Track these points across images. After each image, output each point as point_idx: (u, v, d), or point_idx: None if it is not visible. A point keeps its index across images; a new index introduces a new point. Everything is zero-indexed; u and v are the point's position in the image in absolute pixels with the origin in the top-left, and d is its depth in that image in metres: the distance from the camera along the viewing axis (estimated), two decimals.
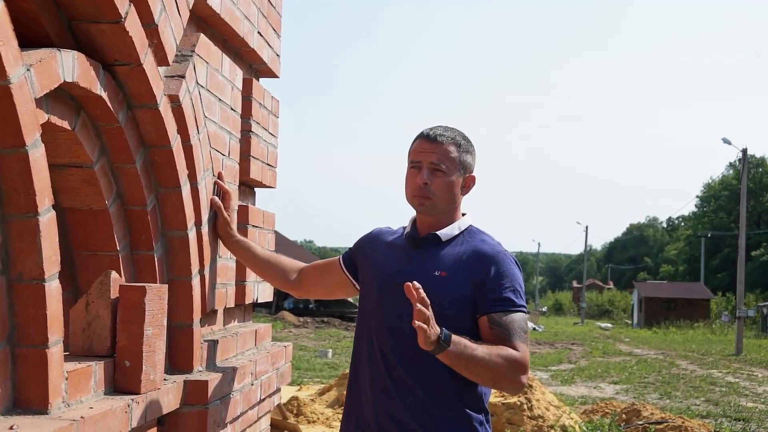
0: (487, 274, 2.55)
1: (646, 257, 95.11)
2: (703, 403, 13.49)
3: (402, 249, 2.70)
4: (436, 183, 2.60)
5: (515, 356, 2.45)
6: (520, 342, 2.49)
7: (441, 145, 2.61)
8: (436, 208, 2.63)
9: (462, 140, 2.66)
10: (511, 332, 2.49)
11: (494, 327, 2.49)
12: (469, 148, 2.67)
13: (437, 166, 2.59)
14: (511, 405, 9.13)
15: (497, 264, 2.57)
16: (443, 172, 2.60)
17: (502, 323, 2.50)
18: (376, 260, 2.73)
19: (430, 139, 2.63)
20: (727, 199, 67.49)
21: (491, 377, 2.47)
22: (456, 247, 2.63)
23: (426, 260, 2.61)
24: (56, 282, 2.02)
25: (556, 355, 22.53)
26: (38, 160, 1.93)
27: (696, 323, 44.18)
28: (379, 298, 2.64)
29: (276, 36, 4.07)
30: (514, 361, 2.45)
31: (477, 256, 2.59)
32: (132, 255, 2.66)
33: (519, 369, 2.46)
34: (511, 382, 2.48)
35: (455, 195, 2.65)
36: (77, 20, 2.24)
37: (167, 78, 2.69)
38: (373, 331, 2.65)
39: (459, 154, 2.63)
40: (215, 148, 3.12)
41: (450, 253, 2.61)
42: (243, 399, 3.18)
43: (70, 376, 2.11)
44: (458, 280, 2.55)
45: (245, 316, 3.89)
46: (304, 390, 12.41)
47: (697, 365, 20.92)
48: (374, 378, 2.61)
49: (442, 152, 2.60)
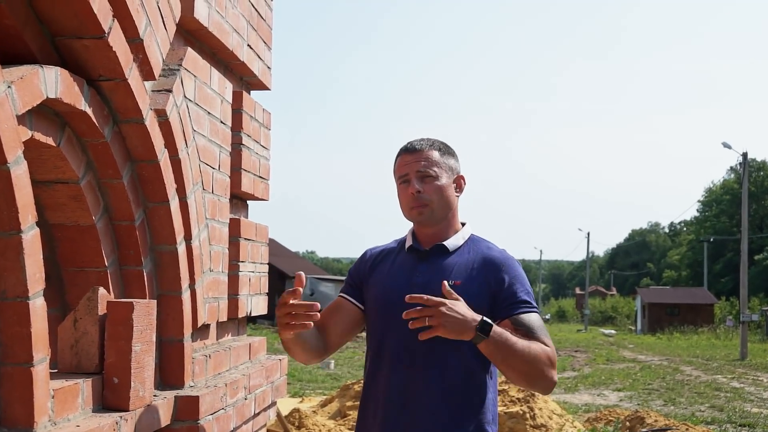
0: (501, 280, 2.57)
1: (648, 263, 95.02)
2: (708, 409, 13.42)
3: (407, 263, 2.68)
4: (429, 188, 2.60)
5: (548, 351, 2.48)
6: (547, 338, 2.52)
7: (423, 152, 2.63)
8: (435, 213, 2.62)
9: (441, 145, 2.69)
10: (537, 329, 2.52)
11: (520, 327, 2.51)
12: (450, 150, 2.70)
13: (425, 172, 2.60)
14: (514, 414, 9.10)
15: (509, 270, 2.60)
16: (433, 177, 2.60)
17: (527, 323, 2.52)
18: (382, 279, 2.69)
19: (410, 151, 2.64)
20: (728, 204, 67.46)
21: (526, 370, 2.45)
22: (464, 256, 2.63)
23: (436, 271, 2.60)
24: (41, 299, 2.00)
25: (559, 362, 22.38)
26: (20, 177, 1.92)
27: (700, 328, 44.06)
28: (391, 316, 2.61)
29: (267, 48, 4.07)
30: (548, 356, 2.47)
31: (488, 264, 2.60)
32: (121, 270, 2.65)
33: (551, 364, 2.48)
34: (544, 377, 2.48)
35: (450, 197, 2.65)
36: (60, 36, 2.24)
37: (154, 92, 2.68)
38: (386, 350, 2.63)
39: (443, 158, 2.64)
40: (205, 162, 3.11)
41: (459, 262, 2.61)
42: (236, 414, 3.16)
43: (56, 393, 2.10)
44: (472, 289, 2.55)
45: (239, 330, 3.87)
46: (306, 402, 12.37)
47: (701, 371, 20.84)
48: (389, 396, 2.59)
49: (426, 158, 2.61)
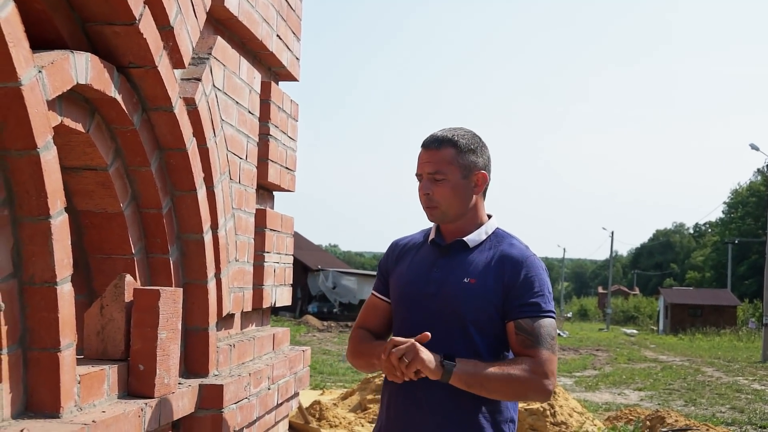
0: (516, 278, 2.51)
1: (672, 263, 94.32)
2: (729, 411, 13.30)
3: (429, 257, 2.65)
4: (437, 191, 2.55)
5: (532, 365, 2.42)
6: (545, 349, 2.46)
7: (437, 152, 2.55)
8: (445, 215, 2.58)
9: (462, 140, 2.58)
10: (536, 338, 2.46)
11: (520, 333, 2.47)
12: (471, 146, 2.59)
13: (434, 174, 2.55)
14: (534, 411, 9.06)
15: (526, 268, 2.53)
16: (443, 179, 2.54)
17: (529, 330, 2.47)
18: (404, 270, 2.67)
19: (426, 147, 2.58)
20: (754, 206, 66.77)
21: (512, 392, 2.46)
22: (484, 252, 2.59)
23: (455, 267, 2.57)
24: (68, 285, 2.01)
25: (580, 361, 22.35)
26: (50, 163, 1.92)
27: (722, 330, 43.66)
28: (408, 308, 2.60)
29: (296, 39, 4.06)
30: (533, 369, 2.42)
31: (506, 261, 2.55)
32: (147, 258, 2.65)
33: (539, 376, 2.43)
34: (535, 391, 2.45)
35: (463, 198, 2.58)
36: (91, 22, 2.24)
37: (183, 81, 2.68)
38: None
39: (458, 156, 2.55)
40: (232, 152, 3.11)
41: (479, 259, 2.57)
42: (260, 403, 3.16)
43: (82, 379, 2.10)
44: (488, 287, 2.51)
45: (263, 320, 3.87)
46: (326, 394, 12.39)
47: (722, 372, 20.67)
48: (404, 388, 2.58)
49: (438, 159, 2.54)
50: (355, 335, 2.71)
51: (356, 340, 2.69)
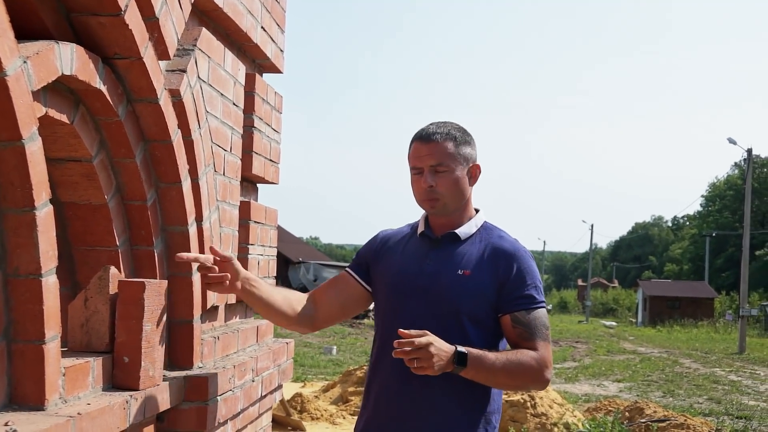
0: (509, 271, 2.54)
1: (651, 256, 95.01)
2: (706, 402, 13.45)
3: (419, 249, 2.66)
4: (441, 183, 2.56)
5: (534, 356, 2.49)
6: (541, 340, 2.53)
7: (437, 144, 2.57)
8: (448, 207, 2.60)
9: (457, 133, 2.61)
10: (533, 330, 2.53)
11: (517, 326, 2.51)
12: (466, 138, 2.63)
13: (437, 167, 2.56)
14: (515, 403, 9.11)
15: (519, 261, 2.57)
16: (446, 171, 2.56)
17: (525, 322, 2.52)
18: (393, 262, 2.68)
19: (425, 141, 2.58)
20: (732, 199, 67.32)
21: (513, 382, 2.54)
22: (475, 245, 2.61)
23: (447, 259, 2.59)
24: (53, 277, 1.99)
25: (560, 353, 22.48)
26: (35, 154, 1.91)
27: (700, 322, 44.04)
28: (402, 300, 2.61)
29: (280, 31, 4.05)
30: (534, 361, 2.49)
31: (498, 254, 2.58)
32: (132, 250, 2.64)
33: (540, 367, 2.50)
34: (534, 381, 2.53)
35: (463, 189, 2.61)
36: (76, 12, 2.22)
37: (168, 72, 2.67)
38: (394, 336, 2.62)
39: (457, 148, 2.58)
40: (217, 144, 3.10)
41: (470, 252, 2.59)
42: (244, 395, 3.16)
43: (67, 371, 2.09)
44: (482, 279, 2.54)
45: (247, 313, 3.87)
46: (308, 387, 12.41)
47: (700, 364, 20.87)
48: (392, 380, 2.58)
49: (439, 151, 2.56)
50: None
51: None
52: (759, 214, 64.04)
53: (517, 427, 8.83)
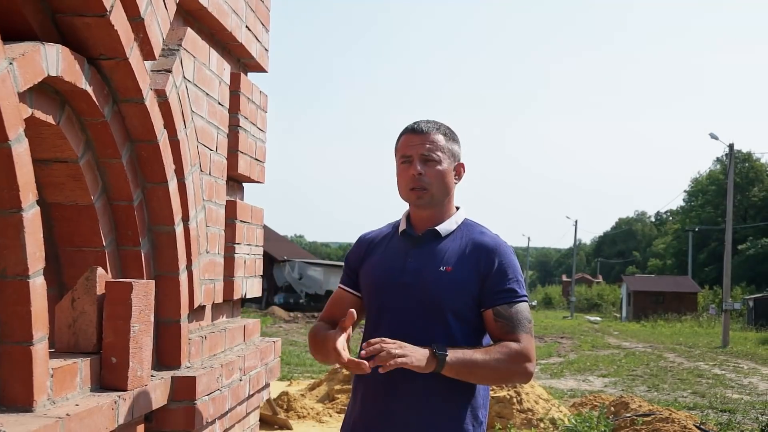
0: (491, 266, 2.56)
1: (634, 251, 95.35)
2: (690, 395, 13.53)
3: (401, 247, 2.67)
4: (430, 172, 2.59)
5: (515, 348, 2.50)
6: (524, 333, 2.54)
7: (429, 135, 2.61)
8: (434, 198, 2.61)
9: (447, 130, 2.67)
10: (515, 324, 2.53)
11: (499, 320, 2.52)
12: (454, 136, 2.68)
13: (428, 156, 2.58)
14: (501, 398, 9.14)
15: (500, 255, 2.59)
16: (435, 161, 2.59)
17: (507, 315, 2.53)
18: (375, 264, 2.69)
19: (417, 132, 2.62)
20: (714, 194, 67.67)
21: (498, 376, 2.55)
22: (456, 241, 2.63)
23: (429, 257, 2.60)
24: (41, 278, 1.99)
25: (545, 348, 22.56)
26: (22, 155, 1.90)
27: (683, 316, 44.28)
28: (385, 299, 2.62)
29: (264, 30, 4.05)
30: (516, 353, 2.49)
31: (479, 249, 2.59)
32: (118, 250, 2.64)
33: (523, 359, 2.51)
34: (518, 374, 2.54)
35: (449, 184, 2.64)
36: (62, 13, 2.22)
37: (154, 72, 2.67)
38: (379, 335, 2.63)
39: (447, 143, 2.63)
40: (203, 143, 3.10)
41: (452, 248, 2.61)
42: (231, 395, 3.17)
43: (55, 373, 2.09)
44: (464, 275, 2.55)
45: (234, 312, 3.87)
46: (294, 385, 12.39)
47: (684, 358, 20.99)
48: (381, 378, 2.59)
49: (431, 142, 2.60)
50: (315, 328, 2.71)
51: (314, 333, 2.68)
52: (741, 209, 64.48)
53: (503, 422, 8.87)
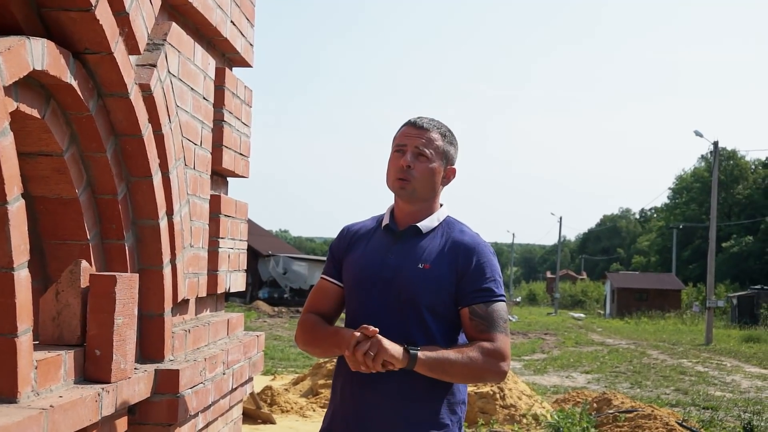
0: (468, 264, 2.58)
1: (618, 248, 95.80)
2: (673, 392, 13.62)
3: (383, 242, 2.70)
4: (419, 167, 2.61)
5: (490, 348, 2.51)
6: (499, 332, 2.55)
7: (427, 131, 2.64)
8: (416, 192, 2.64)
9: (447, 132, 2.70)
10: (490, 323, 2.54)
11: (474, 318, 2.54)
12: (452, 140, 2.71)
13: (421, 151, 2.61)
14: (484, 394, 9.19)
15: (478, 255, 2.61)
16: (426, 158, 2.62)
17: (483, 314, 2.54)
18: (359, 255, 2.72)
19: (417, 126, 2.66)
20: (698, 191, 68.03)
21: (471, 375, 2.54)
22: (436, 239, 2.65)
23: (409, 253, 2.63)
24: (25, 271, 2.01)
25: (529, 344, 22.66)
26: (7, 149, 1.92)
27: (667, 313, 44.54)
28: (364, 293, 2.64)
29: (249, 25, 4.06)
30: (490, 352, 2.50)
31: (458, 247, 2.62)
32: (102, 244, 2.65)
33: (496, 358, 2.52)
34: (493, 373, 2.54)
35: (435, 183, 2.66)
36: (47, 7, 2.23)
37: (138, 67, 2.68)
38: (357, 325, 2.65)
39: (443, 144, 2.66)
40: (187, 137, 3.11)
41: (431, 245, 2.63)
42: (215, 388, 3.19)
43: (39, 365, 2.11)
44: (441, 273, 2.57)
45: (218, 306, 3.89)
46: (278, 379, 12.40)
47: (667, 355, 21.12)
48: (357, 372, 2.61)
49: (427, 138, 2.63)
50: (307, 320, 2.73)
51: (308, 326, 2.71)
52: (725, 207, 64.83)
53: (486, 418, 8.92)
